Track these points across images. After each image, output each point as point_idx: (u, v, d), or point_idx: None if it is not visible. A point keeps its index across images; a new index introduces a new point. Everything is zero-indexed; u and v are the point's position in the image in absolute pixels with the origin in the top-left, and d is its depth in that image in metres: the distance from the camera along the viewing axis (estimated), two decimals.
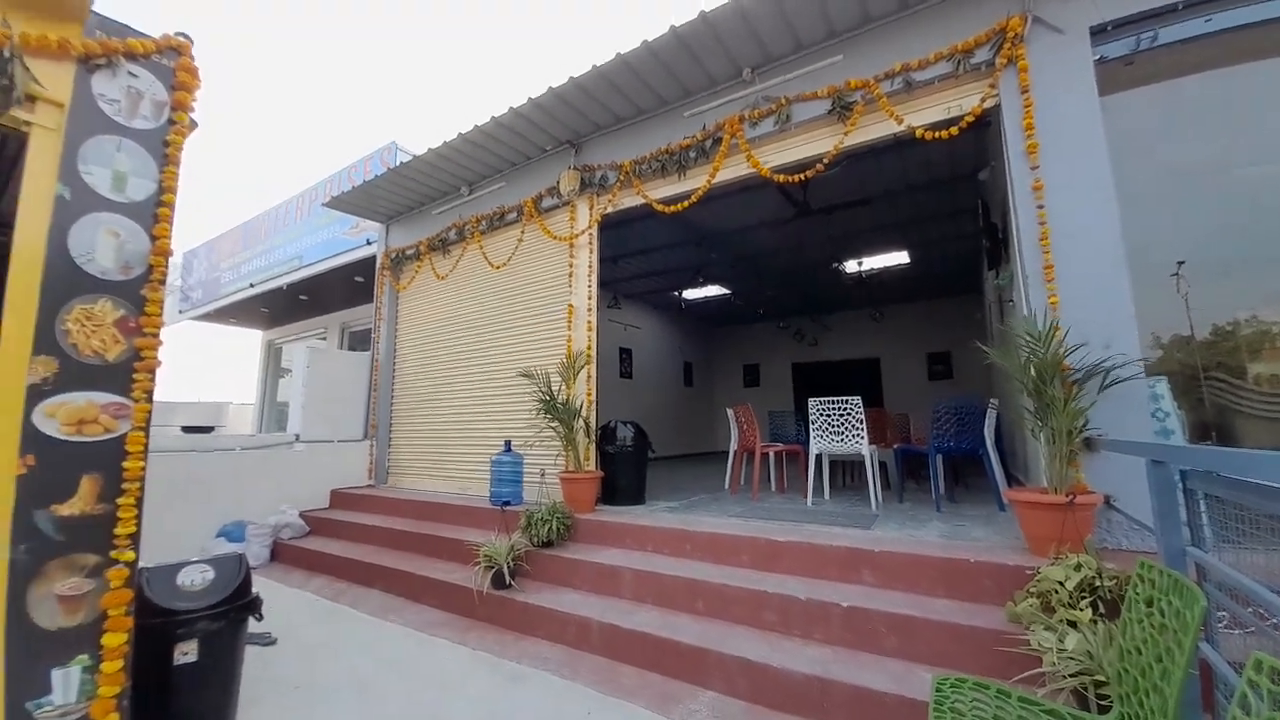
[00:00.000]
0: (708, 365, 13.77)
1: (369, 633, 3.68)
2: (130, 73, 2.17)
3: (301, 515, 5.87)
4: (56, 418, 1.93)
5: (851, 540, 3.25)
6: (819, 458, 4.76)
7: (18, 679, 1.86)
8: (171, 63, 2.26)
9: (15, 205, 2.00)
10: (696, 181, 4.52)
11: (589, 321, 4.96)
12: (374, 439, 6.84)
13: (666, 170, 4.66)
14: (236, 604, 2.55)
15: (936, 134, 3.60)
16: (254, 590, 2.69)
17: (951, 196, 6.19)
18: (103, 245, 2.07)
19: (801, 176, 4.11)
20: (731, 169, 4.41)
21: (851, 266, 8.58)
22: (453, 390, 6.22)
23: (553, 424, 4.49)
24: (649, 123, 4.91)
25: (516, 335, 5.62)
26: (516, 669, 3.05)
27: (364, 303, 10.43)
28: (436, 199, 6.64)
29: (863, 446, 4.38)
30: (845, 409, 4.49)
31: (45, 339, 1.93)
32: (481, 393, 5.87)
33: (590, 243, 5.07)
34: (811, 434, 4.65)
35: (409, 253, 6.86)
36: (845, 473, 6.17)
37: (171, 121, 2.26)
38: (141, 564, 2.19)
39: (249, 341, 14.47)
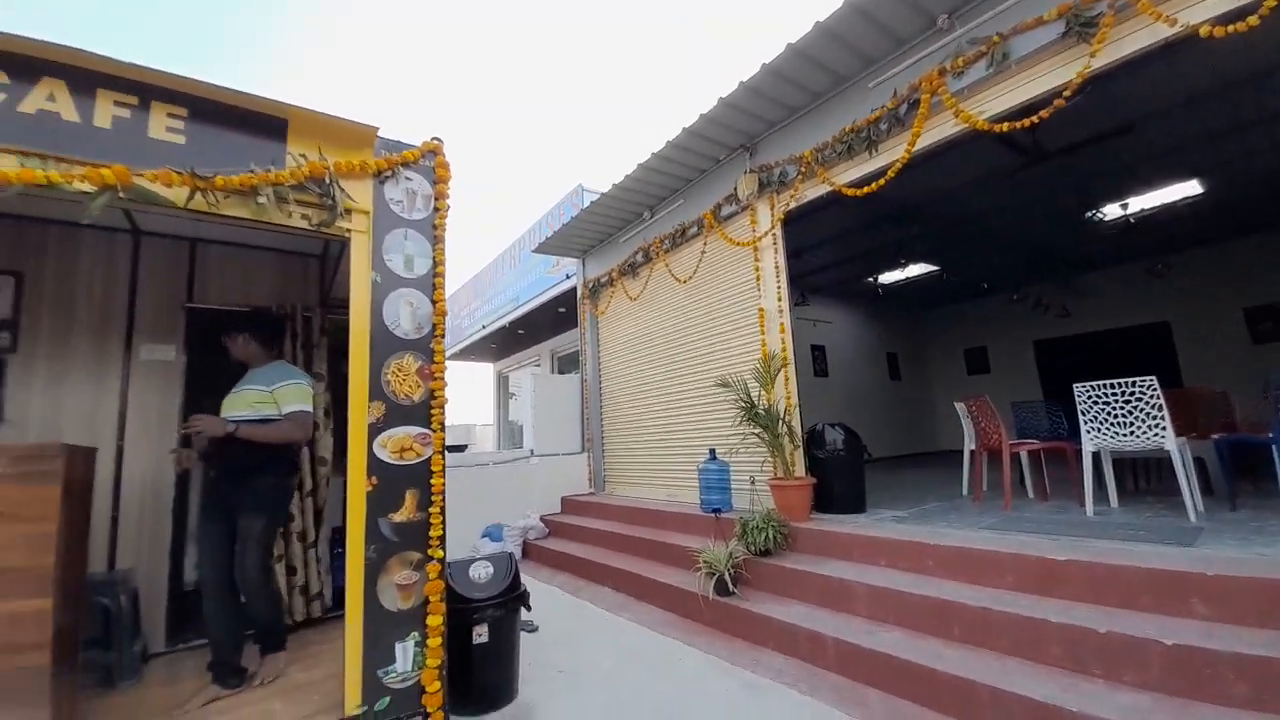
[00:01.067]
0: (917, 355, 12.30)
1: (608, 627, 4.06)
2: (407, 177, 2.78)
3: (542, 519, 6.78)
4: (387, 448, 2.55)
5: (1167, 560, 2.56)
6: (1097, 456, 3.87)
7: (373, 650, 2.45)
8: (431, 163, 2.85)
9: (346, 290, 2.71)
10: (892, 154, 4.10)
11: (781, 323, 4.82)
12: (590, 451, 7.59)
13: (853, 150, 4.33)
14: (512, 596, 3.05)
15: (1229, 28, 2.70)
16: (523, 585, 3.18)
17: (1255, 97, 4.58)
18: (403, 313, 2.68)
19: (1031, 120, 3.44)
20: (936, 131, 3.90)
21: (1113, 211, 6.86)
22: (654, 403, 6.59)
23: (755, 430, 4.45)
24: (827, 105, 4.63)
25: (709, 345, 5.73)
26: (751, 678, 3.06)
27: (567, 329, 11.74)
28: (622, 227, 7.17)
29: (1166, 439, 3.43)
30: (1133, 392, 3.57)
31: (375, 388, 2.56)
32: (681, 403, 6.11)
33: (774, 243, 4.95)
34: (1084, 427, 3.80)
35: (603, 280, 7.52)
36: (1138, 474, 4.90)
37: (436, 209, 2.84)
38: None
39: (483, 373, 17.40)
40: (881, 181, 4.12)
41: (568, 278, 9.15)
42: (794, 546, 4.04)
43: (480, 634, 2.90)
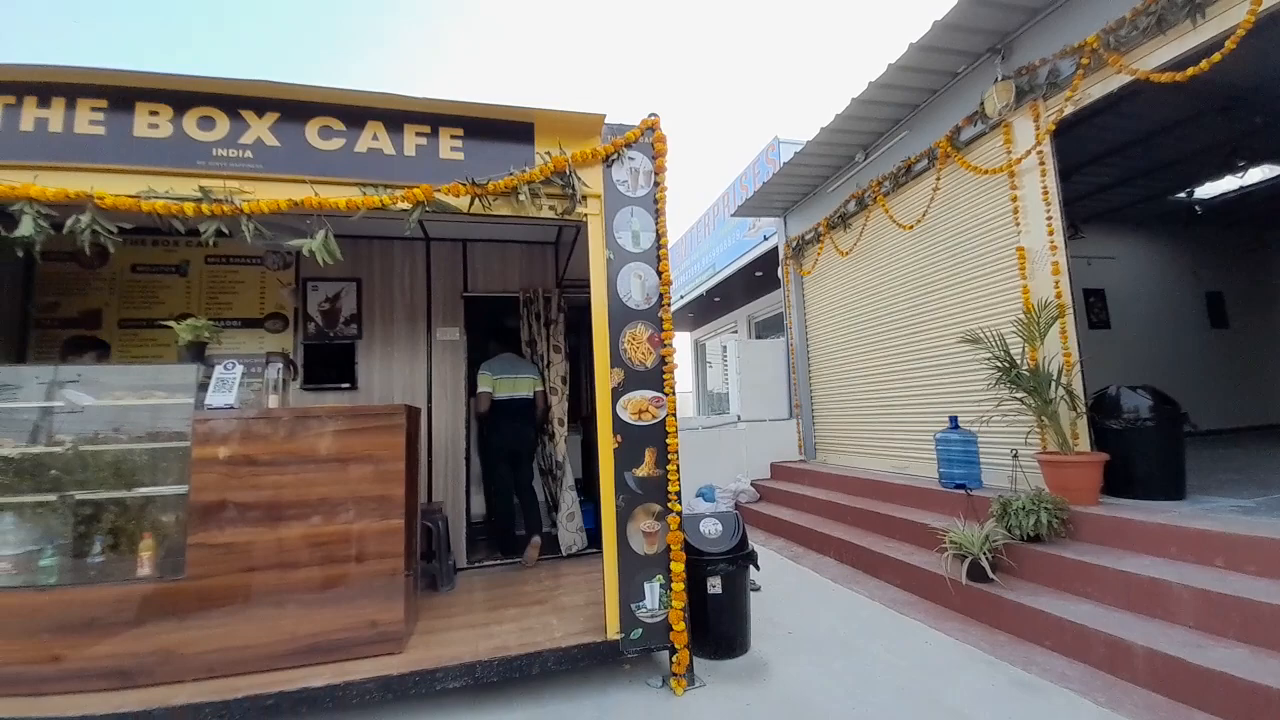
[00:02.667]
0: (1256, 294, 8.99)
1: (835, 597, 3.92)
2: (630, 157, 2.94)
3: (752, 484, 6.84)
4: (628, 409, 2.80)
5: None
6: None
7: (626, 586, 2.75)
8: (650, 139, 2.96)
9: (579, 271, 3.03)
10: (1227, 18, 2.97)
11: (1054, 263, 3.92)
12: (799, 417, 7.35)
13: (1166, 21, 3.23)
14: (742, 554, 3.13)
15: None
16: (750, 545, 3.24)
17: None
18: (634, 285, 2.88)
19: None
20: None
21: None
22: (872, 366, 6.04)
23: (1017, 395, 3.75)
24: None
25: (944, 297, 4.99)
26: (1022, 676, 2.66)
27: (763, 294, 11.42)
28: (829, 176, 6.61)
29: None
30: None
31: (615, 356, 2.82)
32: (908, 365, 5.48)
33: (1041, 163, 4.01)
34: None
35: (808, 237, 7.07)
36: None
37: (656, 183, 2.96)
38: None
39: (680, 342, 18.11)
40: (1217, 57, 3.02)
41: (765, 239, 8.85)
42: (1075, 535, 3.35)
43: (714, 586, 3.05)
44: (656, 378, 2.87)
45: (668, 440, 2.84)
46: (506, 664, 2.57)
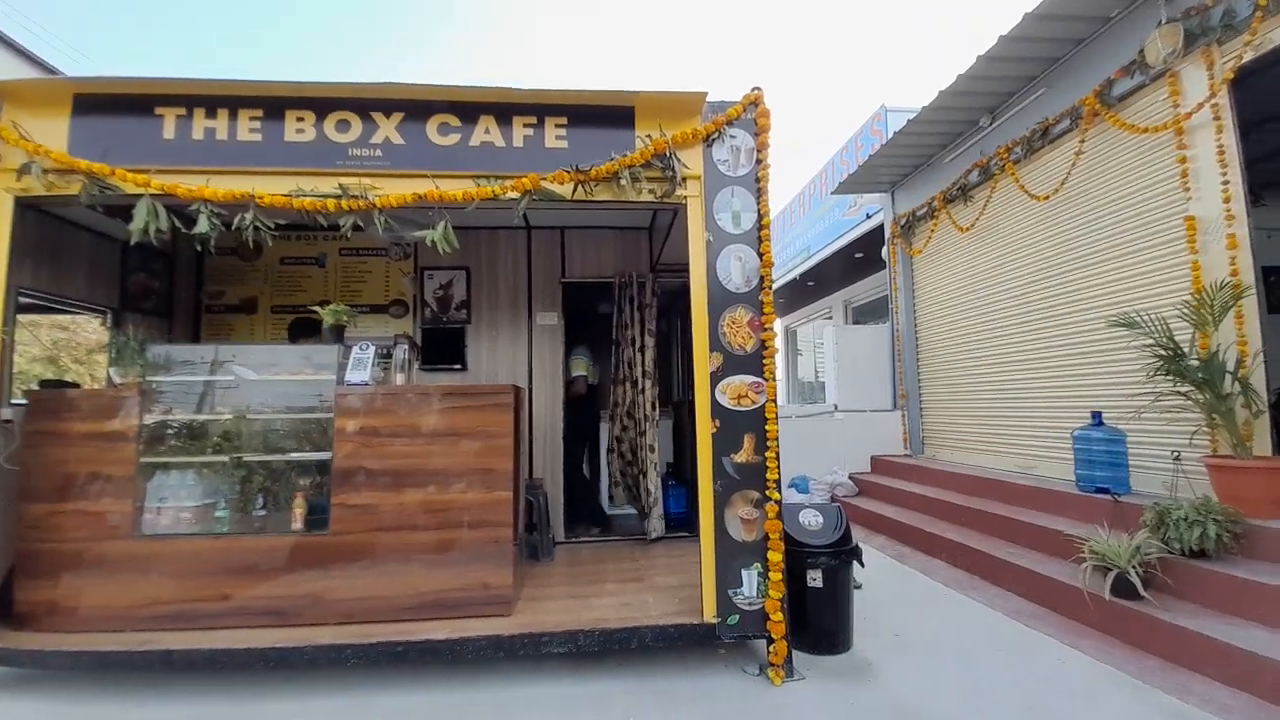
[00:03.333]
0: None
1: (947, 602, 3.66)
2: (731, 135, 2.86)
3: (850, 477, 6.52)
4: (727, 394, 2.76)
5: None
6: None
7: (723, 571, 2.73)
8: (753, 115, 2.86)
9: (675, 255, 2.98)
10: None
11: (1230, 235, 3.32)
12: (904, 409, 6.87)
13: None
14: (845, 548, 3.00)
15: None
16: (854, 540, 3.10)
17: None
18: (734, 268, 2.81)
19: None
20: None
21: None
22: (994, 353, 5.49)
23: (1182, 388, 3.24)
24: None
25: (1089, 276, 4.40)
26: (1176, 705, 2.33)
27: (863, 277, 10.72)
28: (947, 145, 6.04)
29: None
30: None
31: (714, 339, 2.78)
32: (1041, 353, 4.91)
33: (1217, 117, 3.39)
34: None
35: (920, 213, 6.53)
36: None
37: (758, 161, 2.85)
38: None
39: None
40: None
41: (868, 217, 8.29)
42: (1249, 551, 2.86)
43: (814, 579, 2.95)
44: (756, 362, 2.79)
45: (767, 427, 2.77)
46: (607, 636, 2.66)
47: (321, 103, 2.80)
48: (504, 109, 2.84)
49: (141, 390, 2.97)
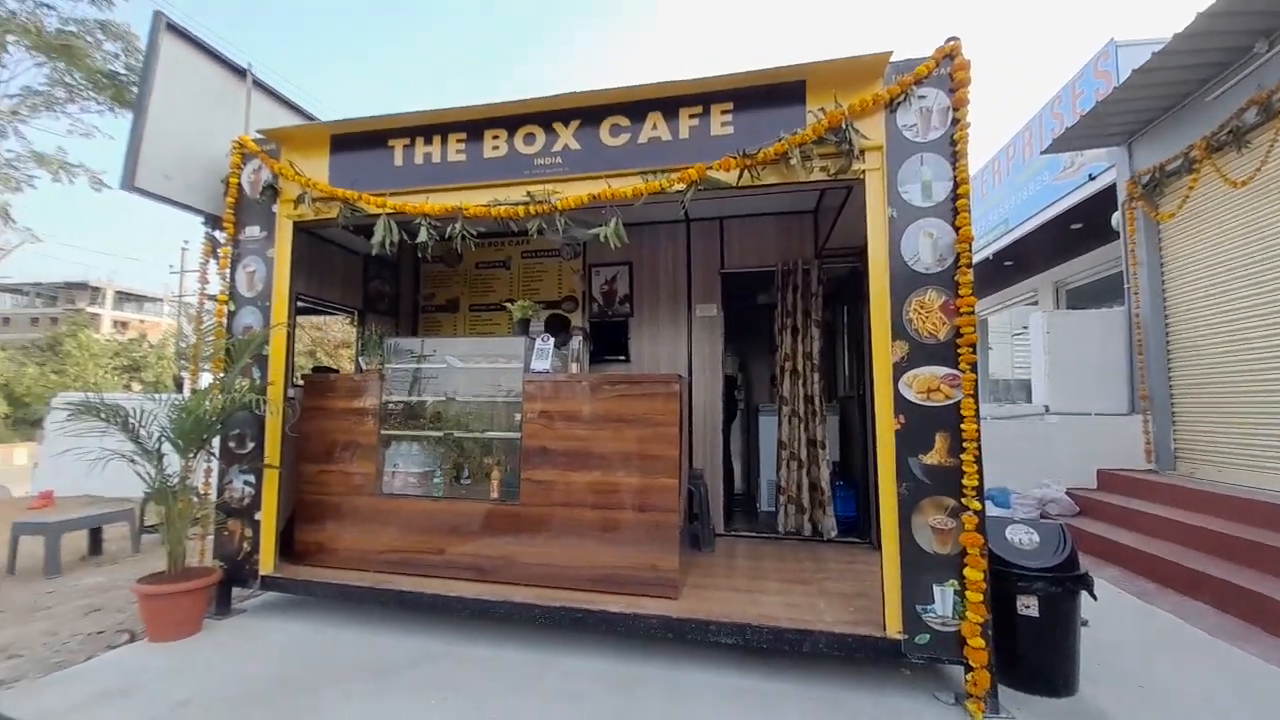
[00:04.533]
0: None
1: (1214, 656, 2.87)
2: (920, 96, 2.55)
3: (1068, 492, 5.46)
4: (913, 387, 2.47)
5: None
6: None
7: (909, 584, 2.46)
8: (948, 69, 2.51)
9: (845, 238, 2.70)
10: None
11: None
12: (1147, 414, 5.54)
13: None
14: (1070, 575, 2.51)
15: None
16: (1083, 566, 2.58)
17: None
18: (923, 246, 2.51)
19: None
20: None
21: None
22: None
23: None
24: None
25: None
26: None
27: (1081, 253, 8.86)
28: (1208, 80, 4.70)
29: None
30: None
31: (898, 327, 2.51)
32: None
33: None
34: None
35: (1171, 168, 5.19)
36: None
37: (955, 121, 2.50)
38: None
39: None
40: None
41: (1091, 179, 6.83)
42: None
43: (1027, 606, 2.52)
44: (950, 352, 2.46)
45: (963, 425, 2.42)
46: (776, 634, 2.57)
47: (511, 120, 3.11)
48: (670, 102, 2.88)
49: (381, 375, 3.62)
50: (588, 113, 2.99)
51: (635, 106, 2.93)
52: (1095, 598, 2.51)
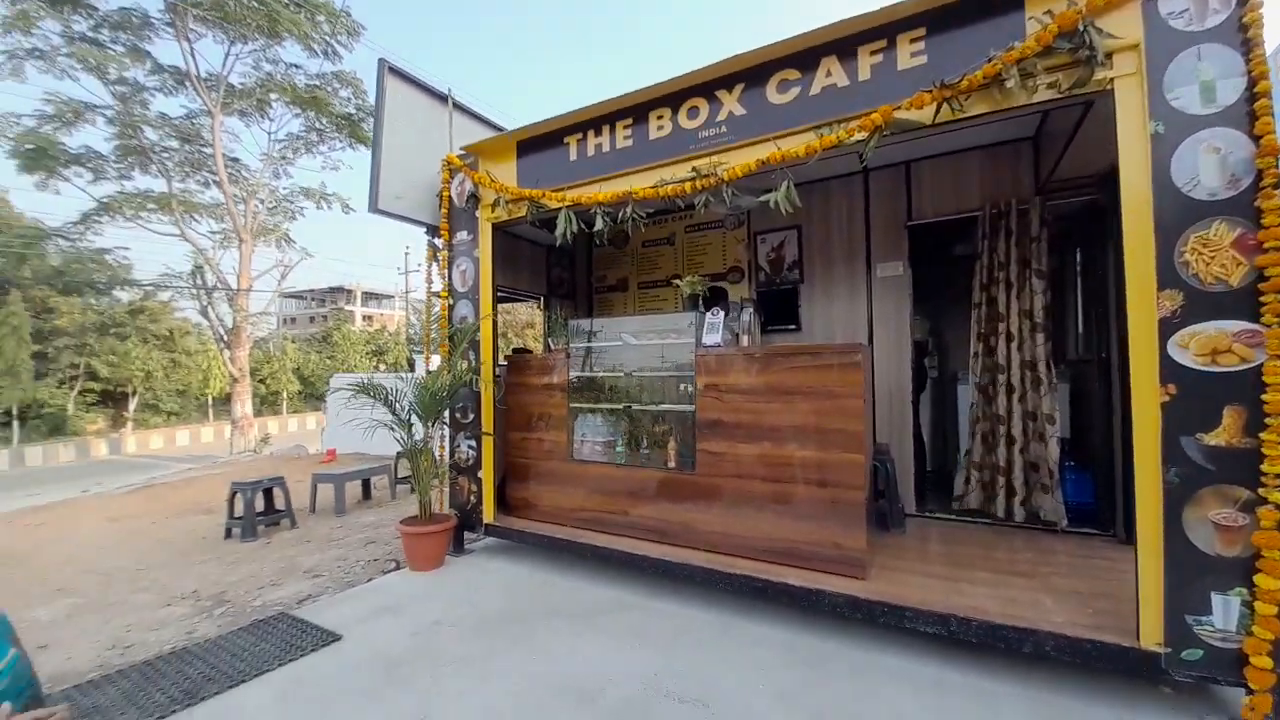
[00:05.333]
0: None
1: None
2: None
3: None
4: (1190, 348, 1.96)
5: None
6: None
7: (1176, 590, 2.00)
8: None
9: (1091, 163, 2.12)
10: None
11: None
12: None
13: None
14: None
15: None
16: None
17: None
18: (1204, 165, 1.94)
19: None
20: None
21: None
22: None
23: None
24: None
25: None
26: None
27: None
28: None
29: None
30: None
31: (1167, 273, 1.99)
32: None
33: None
34: None
35: None
36: None
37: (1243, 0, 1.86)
38: None
39: None
40: None
41: None
42: None
43: None
44: (1249, 301, 1.89)
45: (1266, 396, 1.86)
46: (988, 629, 2.31)
47: (675, 96, 3.12)
48: (847, 42, 2.61)
49: (567, 354, 3.99)
50: (752, 74, 2.86)
51: (805, 56, 2.73)
52: None
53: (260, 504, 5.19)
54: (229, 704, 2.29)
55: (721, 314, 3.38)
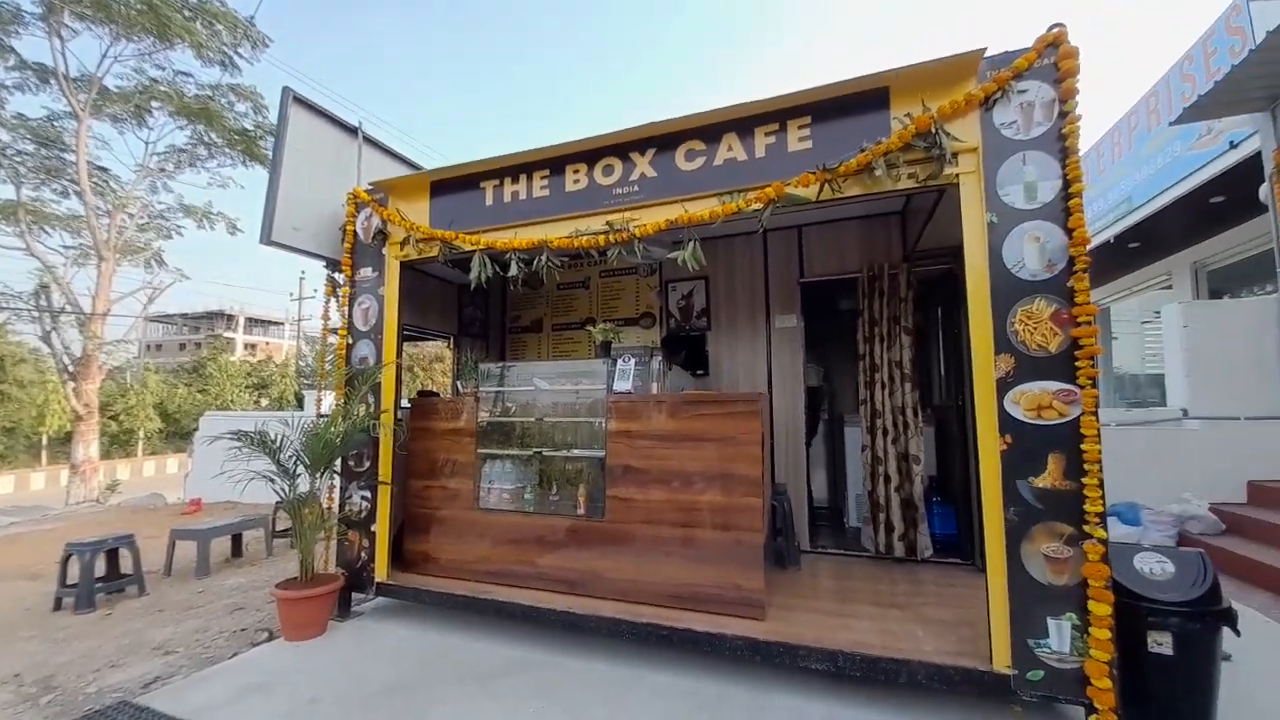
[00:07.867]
0: None
1: None
2: (1019, 90, 2.38)
3: (1211, 508, 4.80)
4: (1020, 404, 2.31)
5: None
6: None
7: (1020, 616, 2.28)
8: (1051, 59, 2.34)
9: (937, 240, 2.53)
10: None
11: None
12: None
13: None
14: (1211, 609, 2.23)
15: None
16: (1226, 600, 2.28)
17: None
18: (1028, 251, 2.34)
19: None
20: None
21: None
22: None
23: None
24: None
25: None
26: None
27: (1222, 230, 7.75)
28: None
29: None
30: None
31: (1001, 339, 2.35)
32: None
33: None
34: None
35: None
36: None
37: (1062, 114, 2.32)
38: None
39: None
40: None
41: (1232, 146, 5.98)
42: None
43: (1159, 643, 2.26)
44: (1065, 365, 2.27)
45: (1084, 446, 2.22)
46: (869, 663, 2.48)
47: (590, 154, 3.25)
48: (745, 123, 2.89)
49: (475, 398, 3.88)
50: (663, 140, 3.06)
51: (709, 130, 2.97)
52: (1238, 633, 2.21)
53: (101, 567, 4.44)
54: None
55: (633, 360, 3.48)
